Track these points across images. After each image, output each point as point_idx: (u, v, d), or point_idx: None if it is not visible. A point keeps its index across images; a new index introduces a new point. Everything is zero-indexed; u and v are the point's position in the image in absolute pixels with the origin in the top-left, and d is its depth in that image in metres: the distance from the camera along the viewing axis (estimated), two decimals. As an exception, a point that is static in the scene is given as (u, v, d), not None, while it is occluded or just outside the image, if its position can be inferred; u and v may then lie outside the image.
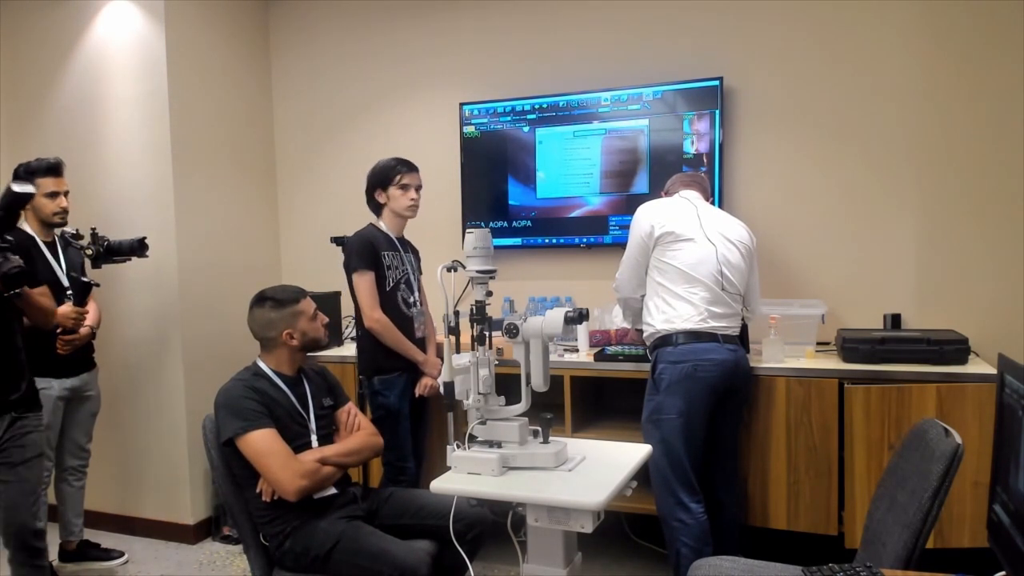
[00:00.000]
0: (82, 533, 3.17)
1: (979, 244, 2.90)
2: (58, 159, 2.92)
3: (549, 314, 1.93)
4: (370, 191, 2.80)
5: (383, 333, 2.67)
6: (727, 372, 2.46)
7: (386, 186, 2.77)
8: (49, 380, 2.85)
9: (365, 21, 3.78)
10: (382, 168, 2.79)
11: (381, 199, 2.78)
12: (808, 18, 3.06)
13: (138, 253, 2.98)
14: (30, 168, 2.87)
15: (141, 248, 2.97)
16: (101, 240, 2.93)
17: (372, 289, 2.68)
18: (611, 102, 3.28)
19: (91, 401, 3.07)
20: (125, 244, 2.96)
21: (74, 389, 2.96)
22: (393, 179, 2.77)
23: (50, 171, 2.87)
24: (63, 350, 2.83)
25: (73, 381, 2.95)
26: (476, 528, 2.10)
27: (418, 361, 2.73)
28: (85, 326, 2.90)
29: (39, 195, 2.83)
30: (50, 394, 2.85)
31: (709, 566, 1.75)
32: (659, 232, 2.53)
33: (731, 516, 2.64)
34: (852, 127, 3.04)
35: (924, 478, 1.46)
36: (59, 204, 2.88)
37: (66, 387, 2.92)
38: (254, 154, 3.88)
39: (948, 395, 2.45)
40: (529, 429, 1.99)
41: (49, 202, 2.87)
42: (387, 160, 2.81)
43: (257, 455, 1.99)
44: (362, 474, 3.14)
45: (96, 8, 3.40)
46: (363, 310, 2.69)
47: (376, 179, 2.79)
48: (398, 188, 2.77)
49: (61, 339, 2.82)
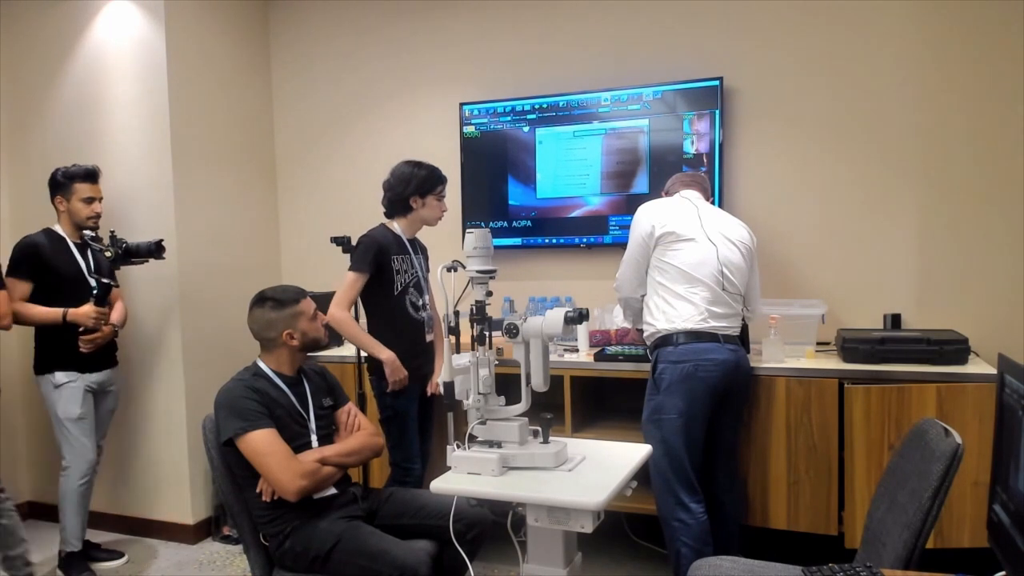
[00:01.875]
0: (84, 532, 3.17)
1: (979, 244, 2.90)
2: (95, 166, 3.07)
3: (549, 314, 1.93)
4: (405, 194, 2.72)
5: (339, 326, 2.64)
6: (728, 372, 2.46)
7: (425, 194, 2.73)
8: (75, 374, 2.96)
9: (365, 21, 3.78)
10: (426, 176, 2.73)
11: (415, 204, 2.74)
12: (808, 18, 3.06)
13: (155, 255, 3.07)
14: (68, 173, 3.01)
15: (159, 250, 3.07)
16: (120, 242, 3.04)
17: (354, 289, 2.65)
18: (611, 102, 3.28)
19: (111, 397, 3.17)
20: (143, 246, 3.07)
21: (99, 384, 3.06)
22: (435, 189, 2.75)
23: (87, 177, 3.02)
24: (85, 348, 2.93)
25: (97, 376, 3.04)
26: (476, 528, 2.10)
27: (381, 359, 2.65)
28: (108, 325, 2.99)
29: (75, 199, 3.00)
30: (78, 386, 2.96)
31: (709, 566, 1.74)
32: (660, 232, 2.53)
33: (731, 516, 2.64)
34: (852, 127, 3.04)
35: (924, 478, 1.46)
36: (93, 209, 3.04)
37: (92, 381, 3.02)
38: (254, 154, 3.88)
39: (948, 395, 2.45)
40: (529, 429, 1.99)
41: (84, 207, 3.01)
42: (426, 167, 2.75)
43: (257, 455, 1.99)
44: (362, 474, 3.14)
45: (96, 8, 3.40)
46: (333, 300, 2.65)
47: (417, 185, 2.72)
48: (436, 198, 2.77)
49: (82, 338, 2.91)
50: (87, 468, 2.98)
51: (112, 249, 3.02)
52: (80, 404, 2.96)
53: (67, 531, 3.00)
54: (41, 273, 2.92)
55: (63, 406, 2.94)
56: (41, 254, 2.93)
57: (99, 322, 2.92)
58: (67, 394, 2.94)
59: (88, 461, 2.98)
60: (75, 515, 2.99)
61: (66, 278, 2.96)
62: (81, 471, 2.97)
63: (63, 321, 2.87)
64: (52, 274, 2.94)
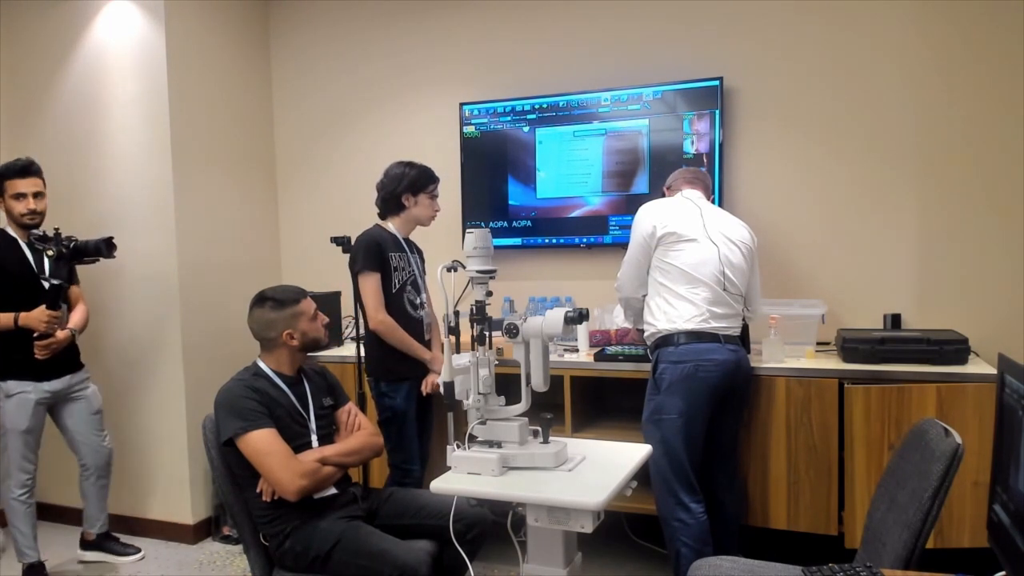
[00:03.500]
0: (104, 526, 3.19)
1: (979, 244, 2.90)
2: (30, 159, 2.91)
3: (549, 314, 1.93)
4: (397, 191, 2.75)
5: (387, 334, 2.67)
6: (728, 372, 2.46)
7: (418, 192, 2.76)
8: (27, 383, 2.84)
9: (365, 21, 3.78)
10: (418, 175, 2.76)
11: (408, 203, 2.76)
12: (808, 18, 3.06)
13: (104, 253, 2.88)
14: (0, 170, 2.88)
15: (108, 248, 2.87)
16: (66, 240, 2.85)
17: (378, 290, 2.67)
18: (611, 102, 3.28)
19: (85, 401, 3.04)
20: (91, 244, 2.86)
21: (57, 392, 2.94)
22: (428, 187, 2.78)
23: (20, 172, 2.87)
24: (40, 355, 2.81)
25: (55, 384, 2.92)
26: (476, 528, 2.10)
27: (425, 360, 2.72)
28: (65, 329, 2.88)
29: (8, 197, 2.86)
30: (28, 397, 2.84)
31: (709, 566, 1.74)
32: (661, 232, 2.52)
33: (731, 516, 2.64)
34: (852, 127, 3.03)
35: (924, 478, 1.46)
36: (27, 206, 2.87)
37: (46, 390, 2.89)
38: (254, 154, 3.88)
39: (948, 395, 2.45)
40: (529, 429, 1.99)
41: (17, 203, 2.87)
42: (418, 166, 2.78)
43: (257, 455, 1.98)
44: (362, 474, 3.14)
45: (96, 8, 3.40)
46: (368, 311, 2.68)
47: (410, 183, 2.75)
48: (429, 197, 2.79)
49: (37, 344, 2.79)
50: (26, 480, 2.89)
51: (55, 248, 2.80)
52: (28, 418, 2.84)
53: (19, 543, 2.93)
54: None
55: (10, 418, 2.83)
56: None
57: (51, 326, 2.78)
58: (15, 405, 2.83)
59: (28, 473, 2.89)
60: (24, 525, 2.91)
61: (17, 280, 2.83)
62: (20, 482, 2.88)
63: (15, 326, 2.75)
64: (2, 276, 2.82)
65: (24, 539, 2.93)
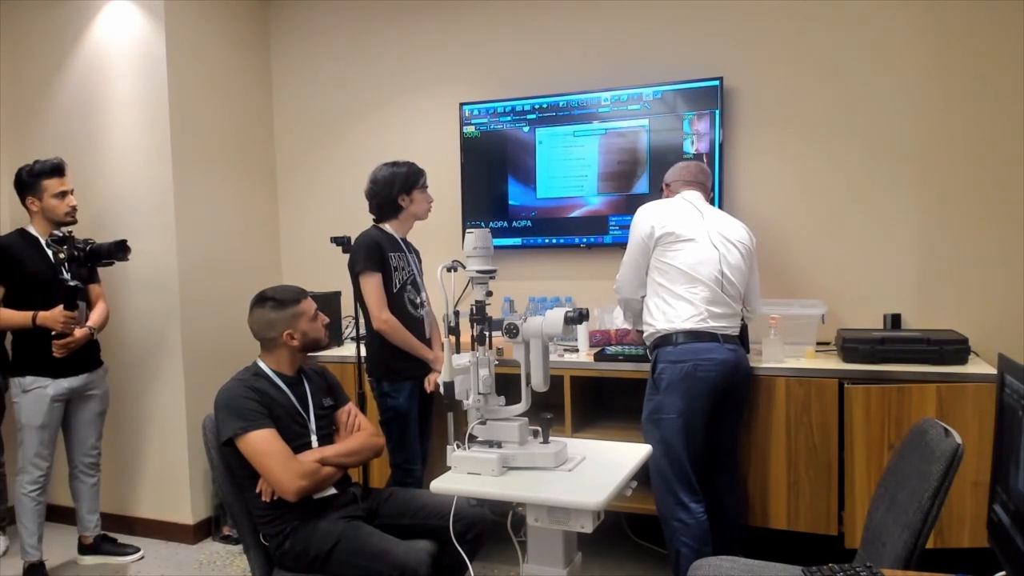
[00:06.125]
0: (98, 528, 3.18)
1: (979, 244, 2.90)
2: (60, 159, 2.95)
3: (549, 314, 1.93)
4: (392, 195, 2.75)
5: (392, 334, 2.67)
6: (727, 372, 2.46)
7: (411, 189, 2.77)
8: (45, 379, 2.87)
9: (365, 21, 3.78)
10: (408, 172, 2.77)
11: (404, 202, 2.77)
12: (808, 18, 3.06)
13: (118, 256, 2.92)
14: (34, 171, 2.91)
15: (120, 251, 2.90)
16: (81, 243, 2.89)
17: (380, 290, 2.67)
18: (611, 102, 3.28)
19: (96, 400, 3.07)
20: (104, 247, 2.91)
21: (73, 389, 2.96)
22: (419, 182, 2.79)
23: (55, 172, 2.91)
24: (58, 353, 2.83)
25: (72, 381, 2.94)
26: (476, 528, 2.10)
27: (428, 359, 2.72)
28: (84, 327, 2.89)
29: (48, 197, 2.90)
30: (45, 393, 2.86)
31: (709, 566, 1.75)
32: (659, 233, 2.53)
33: (731, 516, 2.64)
34: (852, 127, 3.04)
35: (924, 478, 1.46)
36: (68, 203, 2.93)
37: (64, 387, 2.91)
38: (254, 154, 3.88)
39: (948, 395, 2.45)
40: (529, 429, 1.99)
41: (59, 202, 2.91)
42: (403, 164, 2.79)
43: (257, 455, 1.99)
44: (362, 474, 3.14)
45: (96, 8, 3.40)
46: (371, 311, 2.68)
47: (403, 183, 2.75)
48: (421, 191, 2.80)
49: (55, 343, 2.82)
50: (39, 476, 2.90)
51: (67, 250, 2.85)
52: (44, 413, 2.86)
53: (24, 540, 2.94)
54: (12, 275, 2.84)
55: (26, 412, 2.86)
56: (12, 256, 2.85)
57: (68, 326, 2.80)
58: (32, 400, 2.86)
59: (41, 470, 2.90)
60: (31, 522, 2.91)
61: (38, 280, 2.85)
62: (32, 477, 2.89)
63: (33, 325, 2.78)
64: (24, 276, 2.85)
65: (29, 536, 2.94)
